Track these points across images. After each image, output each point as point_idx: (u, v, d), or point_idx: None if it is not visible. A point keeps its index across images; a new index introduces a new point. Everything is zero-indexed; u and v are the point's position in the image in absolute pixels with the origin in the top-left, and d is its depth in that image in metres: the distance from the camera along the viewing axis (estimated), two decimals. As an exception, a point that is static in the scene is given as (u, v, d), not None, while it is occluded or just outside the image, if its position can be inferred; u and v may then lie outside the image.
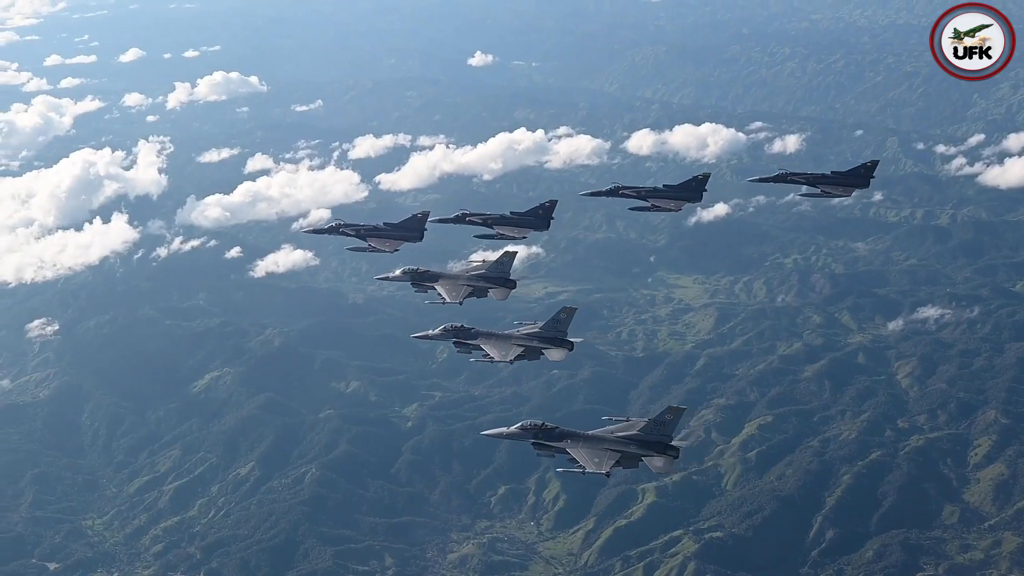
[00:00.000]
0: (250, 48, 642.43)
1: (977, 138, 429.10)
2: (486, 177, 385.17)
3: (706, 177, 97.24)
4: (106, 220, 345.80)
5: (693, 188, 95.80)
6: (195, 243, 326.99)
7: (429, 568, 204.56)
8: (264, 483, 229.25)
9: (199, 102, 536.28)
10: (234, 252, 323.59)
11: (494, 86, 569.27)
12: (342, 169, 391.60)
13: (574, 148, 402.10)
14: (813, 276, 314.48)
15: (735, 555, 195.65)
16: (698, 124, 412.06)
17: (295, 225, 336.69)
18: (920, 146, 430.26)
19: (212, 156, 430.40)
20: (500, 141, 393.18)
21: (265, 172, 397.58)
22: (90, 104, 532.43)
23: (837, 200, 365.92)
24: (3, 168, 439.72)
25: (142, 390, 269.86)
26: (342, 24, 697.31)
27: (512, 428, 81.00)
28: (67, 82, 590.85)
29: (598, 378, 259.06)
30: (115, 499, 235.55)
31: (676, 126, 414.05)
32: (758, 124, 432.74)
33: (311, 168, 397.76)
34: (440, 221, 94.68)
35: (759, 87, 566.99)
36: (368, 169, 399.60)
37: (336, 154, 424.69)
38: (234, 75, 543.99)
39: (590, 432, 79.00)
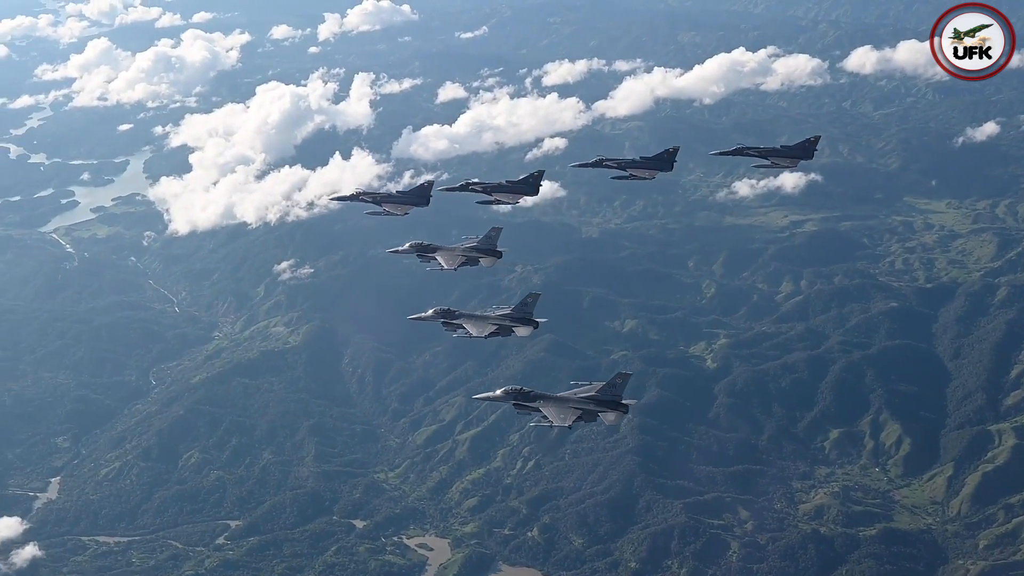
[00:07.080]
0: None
1: None
2: (706, 101, 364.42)
3: (676, 150, 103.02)
4: (308, 156, 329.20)
5: (665, 160, 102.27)
6: (428, 177, 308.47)
7: (785, 521, 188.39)
8: (572, 431, 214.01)
9: (351, 32, 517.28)
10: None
11: (636, 10, 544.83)
12: (560, 98, 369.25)
13: (792, 68, 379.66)
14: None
15: None
16: (922, 40, 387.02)
17: (326, 198, 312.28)
18: None
19: (392, 87, 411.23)
20: (719, 63, 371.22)
21: (461, 101, 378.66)
22: (240, 37, 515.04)
23: None
24: (178, 104, 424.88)
25: (398, 333, 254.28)
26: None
27: (496, 392, 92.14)
28: (200, 16, 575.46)
29: (894, 312, 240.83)
30: (402, 450, 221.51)
31: (900, 42, 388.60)
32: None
33: (511, 96, 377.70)
34: (447, 190, 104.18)
35: (923, 3, 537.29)
36: (571, 96, 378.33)
37: (528, 81, 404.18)
38: (385, 3, 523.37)
39: (559, 394, 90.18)
